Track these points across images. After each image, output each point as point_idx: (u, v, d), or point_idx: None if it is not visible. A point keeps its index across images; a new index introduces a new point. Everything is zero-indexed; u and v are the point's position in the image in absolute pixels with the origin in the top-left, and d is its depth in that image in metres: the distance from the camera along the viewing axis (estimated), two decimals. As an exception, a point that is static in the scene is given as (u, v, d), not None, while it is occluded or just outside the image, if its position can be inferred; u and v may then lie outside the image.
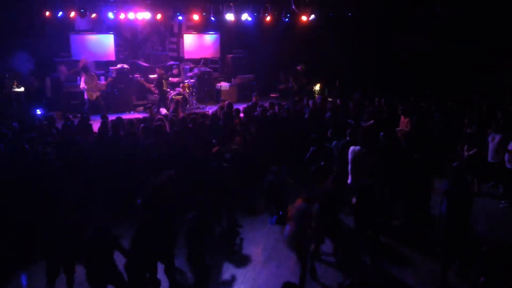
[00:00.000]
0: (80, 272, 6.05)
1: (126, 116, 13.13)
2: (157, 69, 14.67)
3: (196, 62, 17.30)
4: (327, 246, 7.46)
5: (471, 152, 9.69)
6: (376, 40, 17.22)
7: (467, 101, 13.31)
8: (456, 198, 6.30)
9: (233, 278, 6.89)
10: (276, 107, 11.98)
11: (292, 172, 9.12)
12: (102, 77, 14.66)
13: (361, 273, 6.91)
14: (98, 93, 13.61)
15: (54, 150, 8.76)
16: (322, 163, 8.61)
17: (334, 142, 9.32)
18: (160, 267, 6.43)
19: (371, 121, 11.17)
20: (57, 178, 8.00)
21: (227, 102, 12.57)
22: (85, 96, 13.44)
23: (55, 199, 7.64)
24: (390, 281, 6.81)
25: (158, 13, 14.95)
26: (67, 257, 6.17)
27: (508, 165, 9.28)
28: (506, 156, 9.28)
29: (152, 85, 14.64)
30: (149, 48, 17.28)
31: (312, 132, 9.58)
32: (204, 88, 16.38)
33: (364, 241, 7.46)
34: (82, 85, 13.33)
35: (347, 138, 9.03)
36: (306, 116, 11.47)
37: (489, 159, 9.76)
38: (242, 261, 7.43)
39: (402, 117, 11.48)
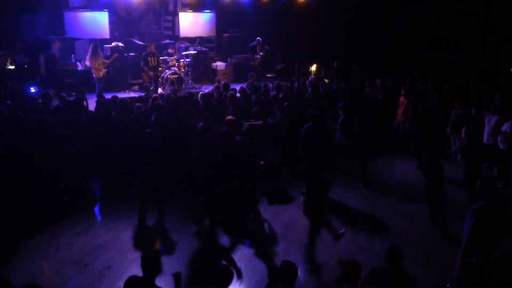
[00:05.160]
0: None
1: (121, 95, 13.03)
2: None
3: (191, 41, 17.14)
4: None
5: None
6: (375, 21, 17.08)
7: (464, 83, 13.32)
8: (485, 217, 5.47)
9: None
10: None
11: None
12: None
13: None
14: (104, 71, 13.53)
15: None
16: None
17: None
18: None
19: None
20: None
21: (223, 82, 12.50)
22: (94, 75, 13.37)
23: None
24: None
25: (153, -10, 14.75)
26: None
27: (501, 146, 9.37)
28: (499, 138, 9.36)
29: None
30: (144, 26, 17.07)
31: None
32: (200, 68, 16.26)
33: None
34: (87, 62, 13.24)
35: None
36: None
37: (485, 140, 9.82)
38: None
39: (401, 98, 11.53)
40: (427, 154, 8.61)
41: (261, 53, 16.00)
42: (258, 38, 15.98)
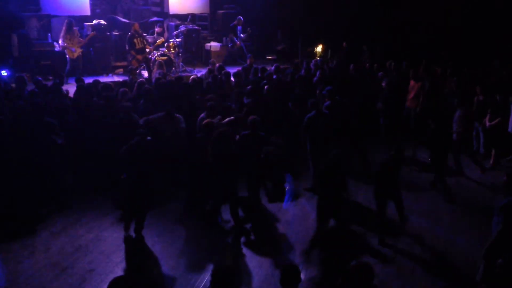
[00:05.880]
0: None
1: (104, 79, 12.98)
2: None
3: (182, 18, 17.05)
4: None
5: (493, 123, 9.74)
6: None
7: (486, 67, 13.30)
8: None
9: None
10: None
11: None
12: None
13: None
14: (79, 51, 13.42)
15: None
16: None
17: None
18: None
19: None
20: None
21: (217, 64, 12.45)
22: (67, 56, 13.28)
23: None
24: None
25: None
26: None
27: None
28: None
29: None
30: (129, 2, 16.93)
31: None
32: (192, 49, 16.20)
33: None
34: (61, 42, 13.15)
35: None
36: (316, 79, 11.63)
37: (510, 129, 9.83)
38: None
39: (412, 82, 11.54)
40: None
41: (242, 35, 15.97)
42: (239, 16, 15.93)
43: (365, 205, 8.49)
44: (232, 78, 11.61)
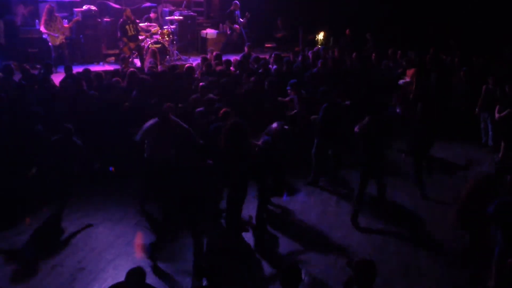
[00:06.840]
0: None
1: (94, 68, 12.93)
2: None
3: (177, 4, 16.99)
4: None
5: (502, 114, 9.74)
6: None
7: (496, 55, 13.29)
8: None
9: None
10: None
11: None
12: (65, 21, 14.30)
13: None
14: (62, 37, 13.35)
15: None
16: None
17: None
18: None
19: None
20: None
21: (215, 53, 12.42)
22: (49, 43, 13.23)
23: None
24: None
25: None
26: None
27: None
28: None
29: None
30: (121, -13, 16.88)
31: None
32: (187, 36, 16.15)
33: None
34: (42, 28, 13.08)
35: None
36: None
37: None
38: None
39: (407, 70, 11.67)
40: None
41: (241, 20, 15.89)
42: (235, 1, 15.88)
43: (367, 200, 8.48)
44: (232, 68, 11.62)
